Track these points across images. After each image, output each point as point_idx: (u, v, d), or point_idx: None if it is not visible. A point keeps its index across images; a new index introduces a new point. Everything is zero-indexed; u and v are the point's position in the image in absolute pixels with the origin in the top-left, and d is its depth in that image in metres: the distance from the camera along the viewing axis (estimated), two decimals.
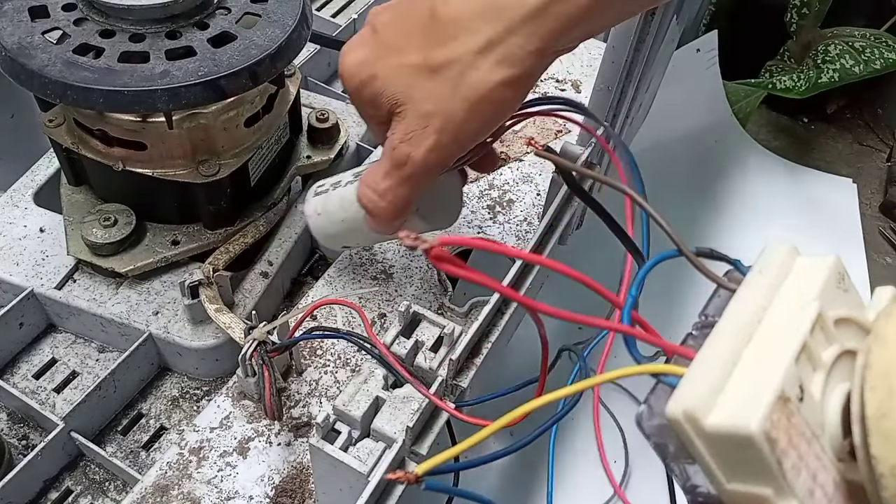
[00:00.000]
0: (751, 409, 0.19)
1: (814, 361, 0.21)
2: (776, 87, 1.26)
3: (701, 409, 0.19)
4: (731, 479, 0.20)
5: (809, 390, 0.20)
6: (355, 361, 0.52)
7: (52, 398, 0.55)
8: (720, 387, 0.20)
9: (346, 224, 0.46)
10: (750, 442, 0.19)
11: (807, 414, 0.20)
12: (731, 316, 0.22)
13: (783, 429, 0.19)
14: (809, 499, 0.20)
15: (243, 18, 0.52)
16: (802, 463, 0.20)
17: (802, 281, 0.22)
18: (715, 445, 0.20)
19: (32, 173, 0.63)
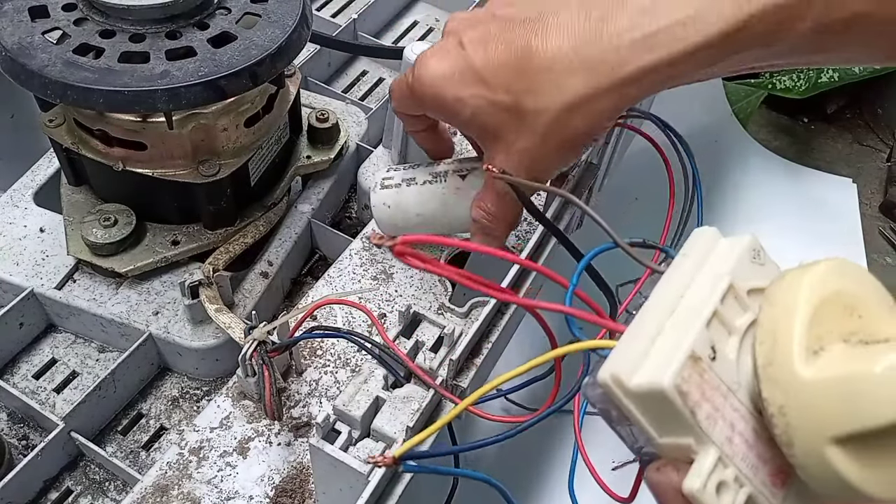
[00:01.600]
0: (664, 367, 0.22)
1: (728, 326, 0.23)
2: (776, 87, 1.26)
3: (626, 372, 0.22)
4: (661, 433, 0.23)
5: (724, 352, 0.23)
6: (355, 361, 0.52)
7: (52, 398, 0.55)
8: (644, 353, 0.23)
9: (421, 218, 0.51)
10: (664, 396, 0.22)
11: (721, 372, 0.23)
12: (657, 294, 0.24)
13: (695, 383, 0.22)
14: (728, 446, 0.23)
15: (243, 18, 0.52)
16: (718, 414, 0.22)
17: (720, 258, 0.25)
18: (642, 404, 0.23)
19: (32, 173, 0.63)
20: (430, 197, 0.50)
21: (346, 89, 0.80)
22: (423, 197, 0.51)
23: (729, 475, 0.22)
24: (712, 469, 0.22)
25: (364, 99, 0.79)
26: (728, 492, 0.22)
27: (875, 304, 0.22)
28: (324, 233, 0.64)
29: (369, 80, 0.81)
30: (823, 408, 0.21)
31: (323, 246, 0.65)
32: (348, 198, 0.70)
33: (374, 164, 0.65)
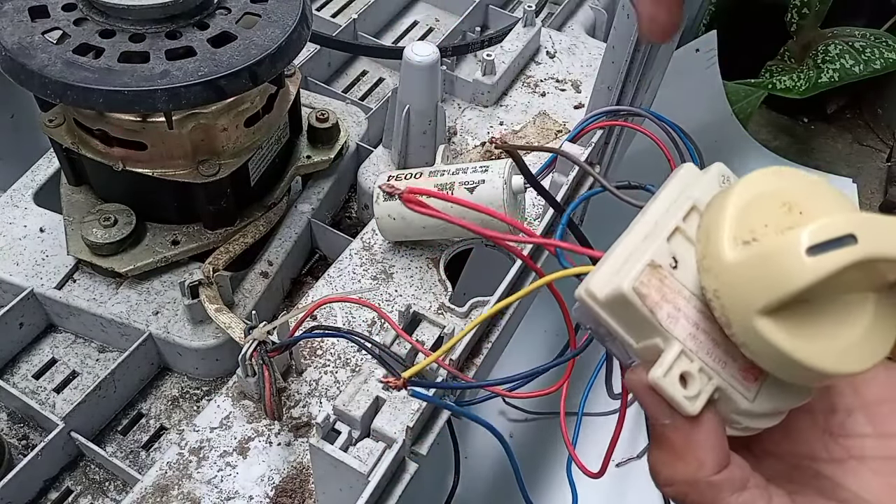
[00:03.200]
0: (626, 275, 0.24)
1: (691, 241, 0.25)
2: (776, 87, 1.26)
3: (596, 285, 0.25)
4: (636, 339, 0.25)
5: (687, 261, 0.25)
6: (355, 361, 0.52)
7: (52, 398, 0.55)
8: (615, 271, 0.25)
9: (426, 230, 0.53)
10: (625, 299, 0.24)
11: (684, 277, 0.25)
12: (634, 223, 0.26)
13: (654, 287, 0.24)
14: (692, 340, 0.24)
15: (243, 18, 0.52)
16: (680, 314, 0.24)
17: (691, 187, 0.27)
18: (613, 312, 0.25)
19: (32, 173, 0.63)
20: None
21: (346, 89, 0.80)
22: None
23: (693, 367, 0.24)
24: (674, 360, 0.24)
25: (364, 99, 0.79)
26: (694, 382, 0.24)
27: (822, 203, 0.24)
28: (324, 233, 0.64)
29: (369, 80, 0.81)
30: (747, 284, 0.23)
31: (323, 246, 0.65)
32: (348, 198, 0.70)
33: (374, 164, 0.65)
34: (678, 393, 0.24)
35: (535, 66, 0.77)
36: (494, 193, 0.50)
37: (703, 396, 0.24)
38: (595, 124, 0.48)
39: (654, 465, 0.26)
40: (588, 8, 0.88)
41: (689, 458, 0.25)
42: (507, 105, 0.73)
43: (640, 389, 0.25)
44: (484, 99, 0.72)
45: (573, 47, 0.79)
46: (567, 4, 0.86)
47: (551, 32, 0.81)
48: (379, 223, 0.55)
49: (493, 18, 0.87)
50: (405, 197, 0.25)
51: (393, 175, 0.55)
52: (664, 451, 0.26)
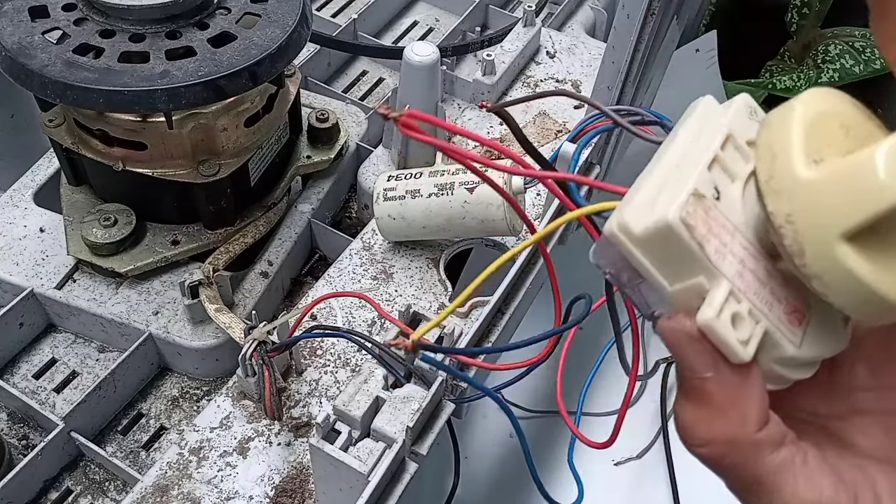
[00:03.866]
0: (669, 205, 0.22)
1: (730, 173, 0.23)
2: (776, 87, 1.26)
3: (631, 219, 0.22)
4: (672, 280, 0.23)
5: (728, 193, 0.23)
6: (355, 361, 0.52)
7: (52, 398, 0.55)
8: (652, 201, 0.22)
9: (426, 230, 0.53)
10: (671, 231, 0.21)
11: (727, 211, 0.22)
12: (658, 155, 0.24)
13: (700, 218, 0.22)
14: (740, 280, 0.22)
15: (243, 18, 0.52)
16: (727, 249, 0.22)
17: (717, 116, 0.25)
18: (650, 249, 0.22)
19: (32, 173, 0.63)
20: (438, 211, 0.51)
21: (346, 89, 0.80)
22: (430, 211, 0.51)
23: (743, 308, 0.22)
24: (725, 300, 0.22)
25: (364, 99, 0.79)
26: (744, 325, 0.22)
27: (867, 124, 0.22)
28: (324, 233, 0.64)
29: (369, 80, 0.81)
30: (829, 204, 0.20)
31: (323, 246, 0.65)
32: (348, 198, 0.70)
33: (374, 164, 0.65)
34: (731, 336, 0.22)
35: (535, 66, 0.77)
36: (494, 193, 0.50)
37: (753, 341, 0.22)
38: (595, 124, 0.48)
39: (688, 423, 0.24)
40: (588, 8, 0.88)
41: (732, 414, 0.23)
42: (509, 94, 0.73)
43: (681, 338, 0.23)
44: (484, 99, 0.72)
45: (573, 47, 0.79)
46: (567, 4, 0.86)
47: (551, 32, 0.81)
48: (379, 223, 0.55)
49: (493, 18, 0.87)
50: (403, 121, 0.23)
51: (393, 175, 0.55)
52: (702, 408, 0.23)
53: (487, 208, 0.50)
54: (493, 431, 0.77)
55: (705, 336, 0.22)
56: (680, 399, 0.24)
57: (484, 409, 0.78)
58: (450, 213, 0.51)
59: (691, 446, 0.24)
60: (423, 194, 0.52)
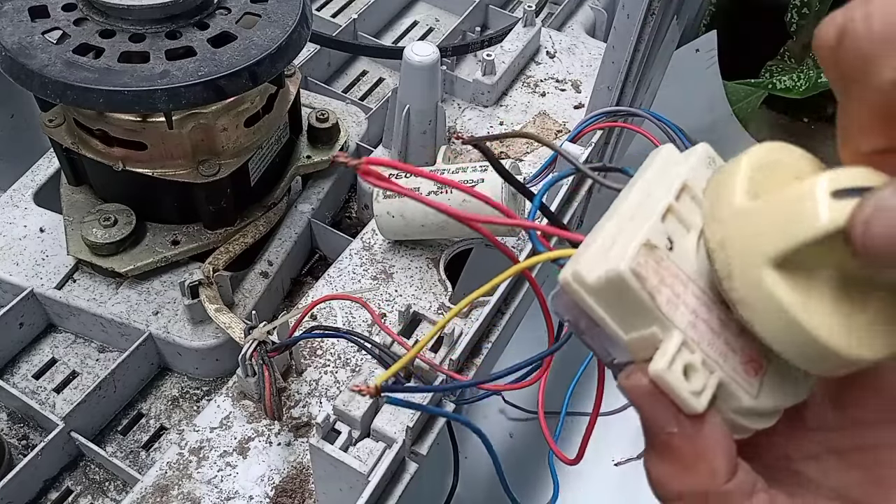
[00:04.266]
0: (621, 255, 0.22)
1: (685, 223, 0.23)
2: (776, 87, 1.26)
3: (585, 269, 0.22)
4: (627, 329, 0.23)
5: (682, 244, 0.23)
6: (355, 361, 0.52)
7: (52, 398, 0.55)
8: (604, 252, 0.23)
9: (425, 228, 0.53)
10: (622, 281, 0.21)
11: (680, 261, 0.23)
12: (615, 205, 0.24)
13: (652, 269, 0.22)
14: (692, 330, 0.22)
15: (243, 18, 0.52)
16: (679, 300, 0.22)
17: (675, 167, 0.25)
18: (604, 299, 0.23)
19: (32, 173, 0.63)
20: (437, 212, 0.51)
21: (346, 89, 0.80)
22: (429, 210, 0.51)
23: (696, 359, 0.22)
24: (677, 351, 0.22)
25: (364, 99, 0.79)
26: (697, 376, 0.22)
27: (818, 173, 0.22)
28: (324, 233, 0.64)
29: (369, 80, 0.81)
30: (759, 231, 0.21)
31: (323, 246, 0.65)
32: (348, 198, 0.70)
33: None
34: (683, 388, 0.22)
35: (535, 66, 0.77)
36: (493, 192, 0.50)
37: (707, 392, 0.22)
38: (595, 125, 0.48)
39: (659, 478, 0.24)
40: (588, 8, 0.88)
41: (700, 468, 0.23)
42: (507, 105, 0.73)
43: (639, 393, 0.23)
44: (484, 99, 0.72)
45: (573, 47, 0.79)
46: (567, 4, 0.86)
47: (551, 32, 0.81)
48: (378, 221, 0.55)
49: (493, 18, 0.87)
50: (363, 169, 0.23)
51: (393, 174, 0.54)
52: (671, 463, 0.23)
53: (486, 207, 0.50)
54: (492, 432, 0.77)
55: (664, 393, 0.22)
56: (649, 454, 0.24)
57: (484, 410, 0.78)
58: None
59: (665, 501, 0.24)
60: (423, 192, 0.52)
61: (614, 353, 0.24)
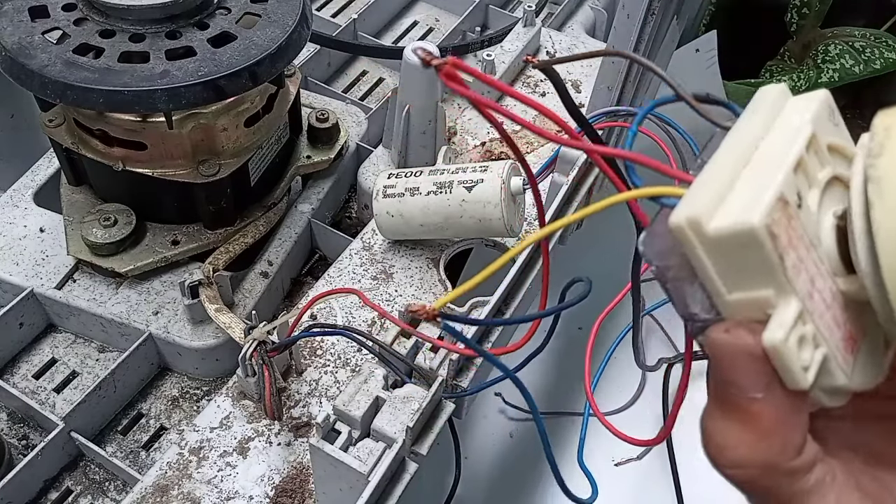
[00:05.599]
0: (753, 207, 0.19)
1: (809, 178, 0.21)
2: None
3: (704, 214, 0.20)
4: (732, 288, 0.21)
5: (807, 201, 0.21)
6: (355, 361, 0.52)
7: (52, 398, 0.55)
8: (721, 198, 0.20)
9: (425, 228, 0.53)
10: (753, 237, 0.19)
11: (805, 222, 0.21)
12: (728, 144, 0.22)
13: (783, 227, 0.20)
14: (809, 300, 0.20)
15: (243, 18, 0.52)
16: (802, 265, 0.20)
17: (796, 111, 0.23)
18: (718, 251, 0.20)
19: (32, 173, 0.63)
20: (436, 209, 0.51)
21: (346, 89, 0.80)
22: (429, 209, 0.52)
23: (809, 332, 0.20)
24: (795, 321, 0.20)
25: (364, 99, 0.79)
26: (807, 349, 0.20)
27: None
28: (324, 233, 0.64)
29: (369, 80, 0.81)
30: None
31: (323, 246, 0.65)
32: (348, 198, 0.70)
33: (374, 164, 0.65)
34: (797, 362, 0.20)
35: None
36: (492, 193, 0.50)
37: (813, 367, 0.21)
38: (595, 125, 0.48)
39: (726, 443, 0.22)
40: (588, 8, 0.88)
41: (775, 440, 0.21)
42: (507, 104, 0.73)
43: (737, 354, 0.21)
44: (485, 97, 0.72)
45: (573, 47, 0.79)
46: (567, 4, 0.86)
47: (551, 32, 0.81)
48: (377, 220, 0.55)
49: (493, 18, 0.87)
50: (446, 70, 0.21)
51: (394, 173, 0.55)
52: (745, 430, 0.21)
53: (485, 207, 0.50)
54: (493, 431, 0.77)
55: (767, 356, 0.21)
56: (715, 415, 0.22)
57: (484, 410, 0.78)
58: (448, 212, 0.51)
59: (722, 467, 0.22)
60: (422, 192, 0.52)
61: (697, 308, 0.22)
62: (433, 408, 0.39)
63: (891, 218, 0.19)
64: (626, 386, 0.78)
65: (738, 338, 0.21)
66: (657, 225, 0.22)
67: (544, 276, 0.34)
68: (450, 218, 0.52)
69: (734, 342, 0.21)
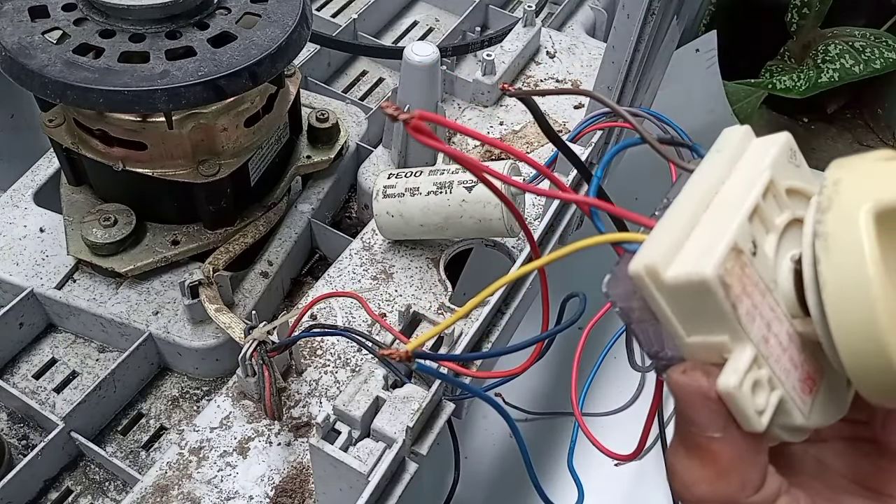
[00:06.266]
0: (706, 257, 0.20)
1: (767, 224, 0.22)
2: (776, 87, 1.26)
3: (661, 263, 0.21)
4: (690, 332, 0.22)
5: (763, 248, 0.22)
6: (355, 361, 0.52)
7: (52, 398, 0.55)
8: (679, 245, 0.21)
9: (424, 228, 0.53)
10: (705, 287, 0.20)
11: (760, 268, 0.21)
12: (690, 188, 0.23)
13: (737, 276, 0.20)
14: (764, 345, 0.21)
15: (243, 18, 0.52)
16: (756, 312, 0.21)
17: (756, 155, 0.23)
18: (674, 298, 0.21)
19: (32, 173, 0.63)
20: (436, 210, 0.51)
21: (346, 89, 0.80)
22: (429, 209, 0.51)
23: (763, 375, 0.21)
24: (748, 367, 0.21)
25: (364, 99, 0.79)
26: (762, 393, 0.21)
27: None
28: (324, 233, 0.64)
29: (369, 80, 0.81)
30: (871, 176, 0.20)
31: (323, 246, 0.65)
32: (348, 198, 0.70)
33: (374, 164, 0.65)
34: (751, 407, 0.21)
35: (535, 66, 0.77)
36: (493, 194, 0.50)
37: (769, 411, 0.21)
38: (595, 125, 0.48)
39: (686, 479, 0.23)
40: (588, 8, 0.88)
41: (734, 477, 0.22)
42: (506, 105, 0.73)
43: (691, 392, 0.22)
44: (484, 99, 0.72)
45: (573, 47, 0.79)
46: (567, 4, 0.86)
47: (551, 32, 0.81)
48: (377, 220, 0.55)
49: (493, 18, 0.87)
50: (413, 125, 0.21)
51: (394, 173, 0.55)
52: (704, 467, 0.22)
53: (485, 207, 0.50)
54: (493, 431, 0.77)
55: (721, 399, 0.21)
56: (678, 453, 0.23)
57: (484, 410, 0.78)
58: (447, 212, 0.51)
59: (685, 500, 0.23)
60: (422, 192, 0.52)
61: (663, 348, 0.23)
62: (433, 408, 0.39)
63: (836, 274, 0.20)
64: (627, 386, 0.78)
65: (694, 380, 0.22)
66: (620, 268, 0.23)
67: (543, 298, 0.34)
68: (450, 218, 0.52)
69: (690, 384, 0.22)
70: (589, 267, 0.54)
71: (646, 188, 0.76)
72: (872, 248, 0.19)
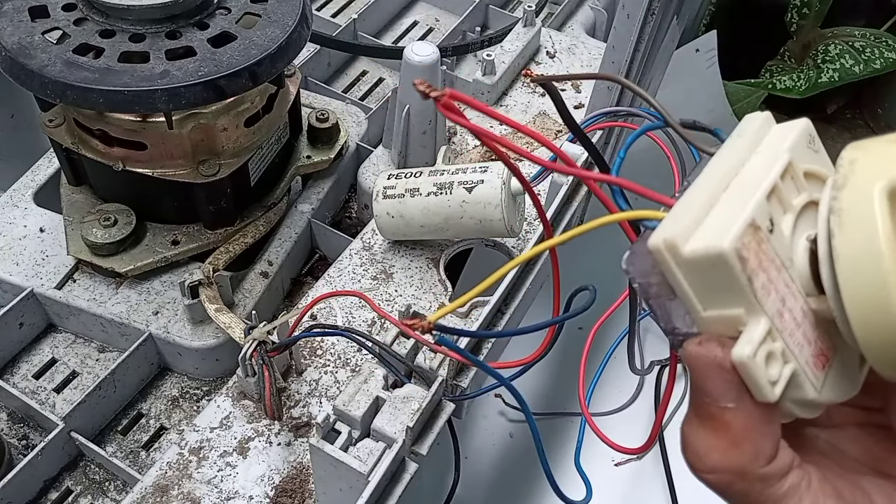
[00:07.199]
0: (724, 232, 0.21)
1: (784, 204, 0.23)
2: (776, 87, 1.26)
3: (680, 237, 0.22)
4: (707, 306, 0.22)
5: (780, 226, 0.23)
6: (355, 361, 0.52)
7: (52, 398, 0.55)
8: (699, 221, 0.22)
9: (425, 229, 0.53)
10: (723, 260, 0.21)
11: (777, 245, 0.22)
12: (710, 169, 0.24)
13: (753, 251, 0.21)
14: (779, 319, 0.22)
15: (243, 18, 0.52)
16: (772, 286, 0.22)
17: (776, 139, 0.24)
18: (692, 272, 0.22)
19: (32, 173, 0.63)
20: (436, 210, 0.51)
21: (346, 89, 0.80)
22: (429, 210, 0.52)
23: (777, 348, 0.22)
24: (763, 339, 0.22)
25: (364, 99, 0.79)
26: (775, 365, 0.22)
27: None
28: (324, 233, 0.64)
29: (369, 80, 0.81)
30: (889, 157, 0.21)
31: (323, 246, 0.65)
32: (348, 198, 0.70)
33: (374, 164, 0.65)
34: (764, 377, 0.22)
35: (535, 66, 0.77)
36: (493, 193, 0.50)
37: (781, 382, 0.22)
38: (595, 125, 0.48)
39: (700, 449, 0.24)
40: (588, 8, 0.88)
41: (746, 447, 0.23)
42: (507, 105, 0.73)
43: (708, 366, 0.22)
44: (484, 99, 0.72)
45: (573, 47, 0.79)
46: (567, 4, 0.86)
47: (551, 32, 0.81)
48: (377, 221, 0.55)
49: (493, 18, 0.87)
50: (444, 102, 0.22)
51: (394, 173, 0.55)
52: (716, 436, 0.23)
53: (485, 208, 0.50)
54: (493, 431, 0.77)
55: (735, 369, 0.22)
56: (692, 423, 0.24)
57: (484, 410, 0.78)
58: (448, 213, 0.51)
59: (699, 472, 0.24)
60: (422, 193, 0.52)
61: (679, 322, 0.24)
62: (433, 408, 0.39)
63: (849, 248, 0.21)
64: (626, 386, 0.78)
65: (709, 350, 0.22)
66: (639, 245, 0.23)
67: (555, 282, 0.34)
68: (450, 219, 0.52)
69: (705, 354, 0.23)
70: (589, 266, 0.54)
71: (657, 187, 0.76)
72: (885, 223, 0.20)
